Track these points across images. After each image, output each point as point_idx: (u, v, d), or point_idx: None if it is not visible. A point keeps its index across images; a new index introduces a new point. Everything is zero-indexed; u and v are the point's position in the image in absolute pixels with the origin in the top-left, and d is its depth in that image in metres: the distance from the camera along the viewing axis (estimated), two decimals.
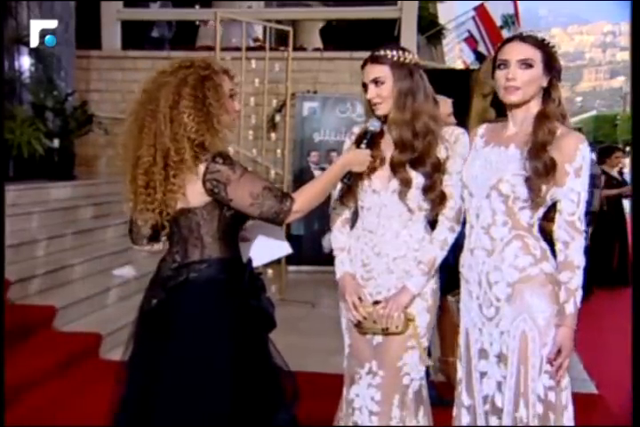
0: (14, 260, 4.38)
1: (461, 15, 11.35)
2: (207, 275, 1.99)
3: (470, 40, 10.93)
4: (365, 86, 2.20)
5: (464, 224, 2.20)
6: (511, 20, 11.84)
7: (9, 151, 5.63)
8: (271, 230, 2.23)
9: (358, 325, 2.23)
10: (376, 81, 2.16)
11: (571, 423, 2.05)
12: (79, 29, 7.02)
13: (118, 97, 7.73)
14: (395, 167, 2.17)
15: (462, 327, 2.21)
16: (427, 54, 10.12)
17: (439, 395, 2.99)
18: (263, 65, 6.12)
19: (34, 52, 6.23)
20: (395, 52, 2.17)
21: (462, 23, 11.21)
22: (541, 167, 1.98)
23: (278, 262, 5.66)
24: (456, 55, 16.11)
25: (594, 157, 6.56)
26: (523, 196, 2.02)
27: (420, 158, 2.16)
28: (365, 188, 2.23)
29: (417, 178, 2.16)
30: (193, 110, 1.93)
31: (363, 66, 2.22)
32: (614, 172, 7.31)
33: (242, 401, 1.95)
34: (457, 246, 2.22)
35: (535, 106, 2.08)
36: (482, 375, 2.12)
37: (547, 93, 2.07)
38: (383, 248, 2.22)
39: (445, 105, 3.15)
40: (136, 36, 8.92)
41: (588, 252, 2.05)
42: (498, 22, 11.16)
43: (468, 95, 2.81)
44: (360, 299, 2.22)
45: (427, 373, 2.41)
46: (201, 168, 1.92)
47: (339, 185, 2.23)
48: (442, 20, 11.40)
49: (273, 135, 6.97)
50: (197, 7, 10.20)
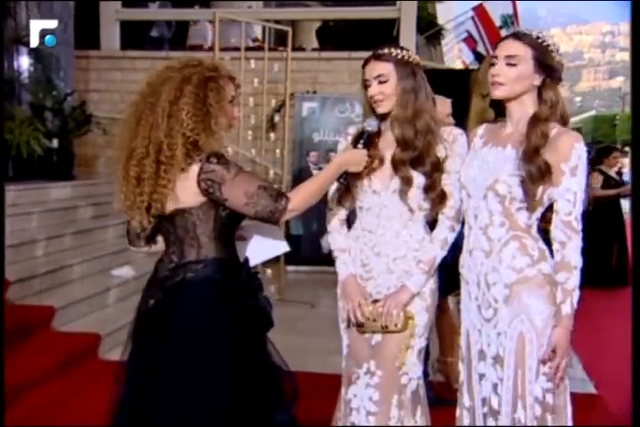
0: (14, 260, 4.37)
1: (460, 15, 11.34)
2: (204, 275, 1.99)
3: (469, 40, 10.92)
4: (366, 85, 2.19)
5: (462, 225, 2.20)
6: (510, 21, 11.81)
7: (8, 151, 5.62)
8: (268, 229, 2.23)
9: (358, 323, 2.23)
10: (379, 78, 2.16)
11: (569, 424, 2.05)
12: (78, 29, 7.00)
13: (117, 97, 7.71)
14: (396, 165, 2.17)
15: (463, 328, 2.21)
16: (426, 54, 10.10)
17: (437, 395, 3.00)
18: (262, 65, 6.12)
19: (33, 52, 6.22)
20: (399, 51, 2.18)
21: (461, 23, 11.19)
22: (535, 171, 1.97)
23: (277, 262, 5.66)
24: (455, 55, 16.06)
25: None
26: (519, 196, 2.01)
27: (420, 157, 2.16)
28: (365, 188, 2.22)
29: (417, 177, 2.16)
30: (192, 108, 1.93)
31: (365, 64, 2.21)
32: (612, 172, 7.33)
33: (241, 401, 1.95)
34: (455, 247, 2.21)
35: (532, 106, 2.06)
36: (480, 377, 2.11)
37: (540, 94, 2.05)
38: (383, 248, 2.22)
39: (444, 105, 3.16)
40: (135, 37, 8.89)
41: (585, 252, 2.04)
42: (497, 22, 11.11)
43: (468, 95, 2.81)
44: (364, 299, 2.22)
45: (425, 373, 2.42)
46: (195, 168, 1.92)
47: (335, 185, 2.23)
48: (441, 21, 11.38)
49: (272, 135, 6.97)
50: (196, 7, 10.19)
